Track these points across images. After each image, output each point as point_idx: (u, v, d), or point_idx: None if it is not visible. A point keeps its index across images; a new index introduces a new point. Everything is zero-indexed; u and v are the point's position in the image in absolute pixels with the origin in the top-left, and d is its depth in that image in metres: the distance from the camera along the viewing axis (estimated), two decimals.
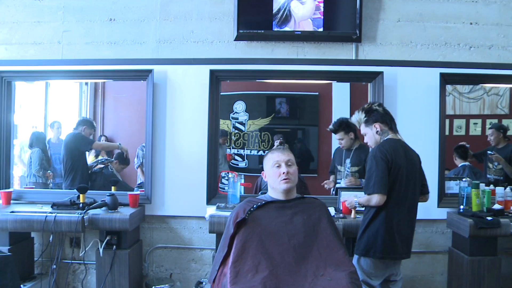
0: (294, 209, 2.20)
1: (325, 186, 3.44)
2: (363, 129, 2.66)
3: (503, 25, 3.38)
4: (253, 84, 3.54)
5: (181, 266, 3.47)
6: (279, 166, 2.21)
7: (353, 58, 3.32)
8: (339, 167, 3.41)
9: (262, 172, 2.32)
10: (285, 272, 1.98)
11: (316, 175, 3.57)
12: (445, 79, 3.31)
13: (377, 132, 2.60)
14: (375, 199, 2.44)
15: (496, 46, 3.38)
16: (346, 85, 3.47)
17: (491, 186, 3.29)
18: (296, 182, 2.25)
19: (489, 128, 3.50)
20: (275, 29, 3.26)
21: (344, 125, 3.29)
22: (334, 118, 3.43)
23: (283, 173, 2.19)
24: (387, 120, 2.61)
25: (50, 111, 3.63)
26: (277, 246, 2.06)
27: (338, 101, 3.50)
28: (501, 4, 3.39)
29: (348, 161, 3.37)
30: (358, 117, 2.66)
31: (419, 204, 2.93)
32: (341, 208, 3.13)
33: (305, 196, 2.31)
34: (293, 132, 3.63)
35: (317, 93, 3.55)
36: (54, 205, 3.07)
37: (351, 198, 2.82)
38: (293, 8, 3.26)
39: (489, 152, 3.52)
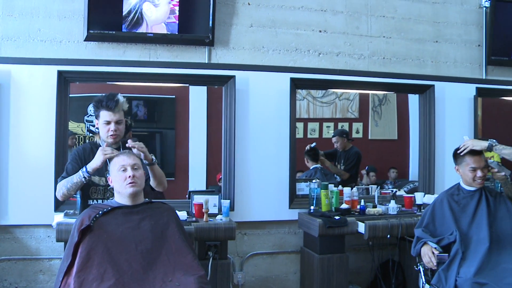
0: (141, 214, 2.42)
1: None
2: None
3: (349, 34, 4.16)
4: (108, 85, 3.88)
5: (27, 279, 3.71)
6: (124, 170, 2.42)
7: (206, 61, 3.84)
8: None
9: (108, 177, 2.53)
10: (132, 280, 2.17)
11: (173, 178, 4.07)
12: (296, 84, 3.97)
13: None
14: None
15: (343, 54, 4.14)
16: (203, 89, 4.01)
17: (340, 187, 4.05)
18: (143, 186, 2.49)
19: (333, 136, 4.33)
20: (126, 30, 3.71)
21: None
22: (191, 121, 4.02)
23: (129, 176, 2.39)
24: None
25: None
26: (124, 253, 2.25)
27: (195, 104, 4.03)
28: (347, 15, 4.15)
29: None
30: None
31: (270, 206, 3.75)
32: (194, 212, 3.67)
33: (153, 200, 2.57)
34: (151, 135, 4.12)
35: (173, 96, 4.06)
36: None
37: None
38: (146, 10, 3.69)
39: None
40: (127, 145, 2.65)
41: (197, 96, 4.05)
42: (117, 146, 2.77)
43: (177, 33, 3.77)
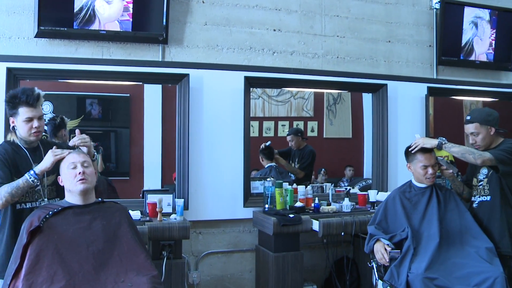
0: (93, 214, 2.43)
1: None
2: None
3: (303, 33, 4.36)
4: (61, 83, 3.94)
5: None
6: (74, 167, 2.43)
7: (160, 60, 3.95)
8: None
9: (59, 177, 2.54)
10: (84, 281, 2.19)
11: (128, 177, 4.18)
12: (250, 83, 4.12)
13: None
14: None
15: (297, 53, 4.33)
16: (158, 87, 4.11)
17: (294, 185, 4.22)
18: (94, 183, 2.50)
19: (288, 135, 4.54)
20: (78, 27, 3.75)
21: None
22: (146, 120, 4.12)
23: (79, 173, 2.41)
24: None
25: None
26: (75, 254, 2.26)
27: (150, 103, 4.13)
28: (301, 14, 4.35)
29: None
30: None
31: (225, 204, 3.93)
32: (147, 211, 3.74)
33: (105, 200, 2.59)
34: (105, 134, 4.18)
35: (128, 95, 4.16)
36: None
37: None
38: (98, 7, 3.74)
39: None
40: (70, 142, 2.70)
41: (152, 95, 4.14)
42: (37, 144, 2.71)
43: (130, 30, 3.86)
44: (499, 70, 5.20)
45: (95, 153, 2.79)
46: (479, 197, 3.18)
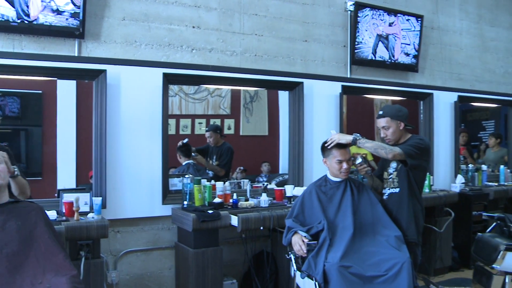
0: (6, 214, 2.44)
1: None
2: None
3: (222, 31, 4.62)
4: None
5: None
6: None
7: (76, 55, 4.01)
8: None
9: None
10: None
11: (40, 178, 4.20)
12: (168, 79, 4.29)
13: None
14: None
15: (216, 50, 4.58)
16: (72, 83, 4.17)
17: (212, 181, 4.48)
18: (7, 181, 2.53)
19: (207, 131, 4.81)
20: None
21: None
22: (59, 118, 4.13)
23: None
24: None
25: None
26: None
27: (64, 100, 4.17)
28: (220, 12, 4.61)
29: None
30: None
31: (144, 202, 4.09)
32: (64, 211, 3.80)
33: (19, 200, 2.62)
34: (15, 133, 4.18)
35: (40, 91, 4.18)
36: None
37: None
38: None
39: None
40: None
41: (66, 91, 4.18)
42: None
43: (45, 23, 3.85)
44: (406, 71, 5.81)
45: (15, 168, 2.75)
46: (389, 189, 3.52)
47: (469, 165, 6.25)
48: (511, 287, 4.00)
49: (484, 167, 6.30)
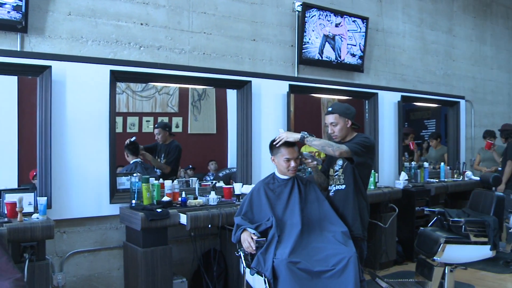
0: None
1: None
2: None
3: (171, 29, 4.61)
4: None
5: None
6: None
7: (18, 49, 3.89)
8: None
9: None
10: None
11: None
12: (116, 77, 4.24)
13: None
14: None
15: (165, 48, 4.57)
16: (14, 79, 4.05)
17: (161, 180, 4.48)
18: None
19: (156, 128, 4.80)
20: None
21: None
22: None
23: None
24: None
25: None
26: None
27: (4, 97, 4.06)
28: (169, 9, 4.59)
29: None
30: None
31: (91, 202, 4.02)
32: (6, 212, 3.68)
33: None
34: None
35: None
36: None
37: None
38: None
39: None
40: None
41: (6, 88, 4.07)
42: None
43: None
44: (352, 71, 5.98)
45: None
46: (335, 186, 3.59)
47: (412, 163, 6.49)
48: (450, 277, 4.19)
49: (426, 164, 6.58)
